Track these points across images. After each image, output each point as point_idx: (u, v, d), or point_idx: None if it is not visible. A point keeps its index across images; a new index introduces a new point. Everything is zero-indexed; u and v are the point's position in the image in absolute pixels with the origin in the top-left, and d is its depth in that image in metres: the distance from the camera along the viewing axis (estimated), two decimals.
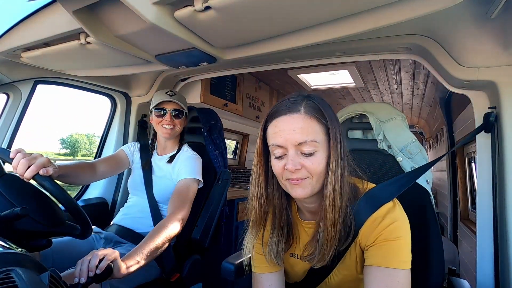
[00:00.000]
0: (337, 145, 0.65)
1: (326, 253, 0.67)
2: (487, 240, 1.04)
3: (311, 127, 0.64)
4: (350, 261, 0.71)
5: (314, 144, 0.64)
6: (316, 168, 0.64)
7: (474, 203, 2.39)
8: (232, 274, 0.96)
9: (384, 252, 0.64)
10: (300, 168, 0.64)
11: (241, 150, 3.50)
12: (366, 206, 0.67)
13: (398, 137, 1.00)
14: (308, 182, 0.65)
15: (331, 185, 0.64)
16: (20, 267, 0.49)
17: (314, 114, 0.65)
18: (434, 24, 0.93)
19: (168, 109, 1.38)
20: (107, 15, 0.88)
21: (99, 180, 1.49)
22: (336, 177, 0.64)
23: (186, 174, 1.31)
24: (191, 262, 1.32)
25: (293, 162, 0.63)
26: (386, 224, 0.65)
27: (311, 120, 0.64)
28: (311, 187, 0.66)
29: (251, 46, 1.02)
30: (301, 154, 0.64)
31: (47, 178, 0.84)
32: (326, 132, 0.66)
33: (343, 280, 0.75)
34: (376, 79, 2.68)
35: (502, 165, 0.97)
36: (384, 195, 0.69)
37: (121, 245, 1.25)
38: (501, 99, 0.97)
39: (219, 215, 1.44)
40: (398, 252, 0.63)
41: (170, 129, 1.38)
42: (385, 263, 0.63)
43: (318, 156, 0.64)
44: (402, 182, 0.74)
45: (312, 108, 0.66)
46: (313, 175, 0.65)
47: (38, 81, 1.46)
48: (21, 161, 0.83)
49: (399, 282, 0.62)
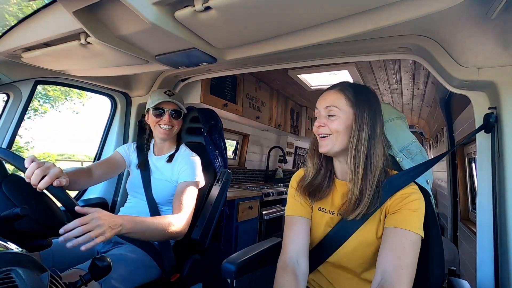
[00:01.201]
0: (362, 120, 0.84)
1: (355, 207, 0.83)
2: (487, 240, 1.04)
3: (338, 98, 0.87)
4: (373, 225, 0.86)
5: (335, 110, 0.85)
6: (335, 127, 0.85)
7: (474, 203, 2.39)
8: (232, 274, 0.96)
9: (403, 217, 0.81)
10: (324, 126, 0.87)
11: (241, 150, 3.50)
12: (389, 186, 0.85)
13: (398, 137, 1.00)
14: (329, 140, 0.86)
15: (351, 146, 0.83)
16: (20, 267, 0.49)
17: (344, 92, 0.87)
18: (434, 24, 0.93)
19: (166, 109, 1.36)
20: (107, 15, 0.88)
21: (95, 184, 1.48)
22: (359, 143, 0.83)
23: (186, 177, 1.30)
24: (191, 262, 1.32)
25: (319, 120, 0.88)
26: (410, 199, 0.83)
27: (340, 95, 0.87)
28: (332, 143, 0.86)
29: (251, 46, 1.02)
30: (327, 117, 0.87)
31: (60, 189, 0.84)
32: (352, 106, 0.85)
33: (360, 243, 0.87)
34: (376, 79, 2.68)
35: (502, 165, 0.97)
36: (399, 182, 0.87)
37: (121, 246, 1.25)
38: (501, 100, 0.97)
39: (219, 215, 1.44)
40: (415, 220, 0.80)
41: (168, 130, 1.37)
42: (402, 225, 0.79)
43: (339, 120, 0.85)
44: (415, 172, 0.89)
45: (345, 88, 0.88)
46: (332, 132, 0.86)
47: (38, 81, 1.46)
48: (35, 172, 0.84)
49: (411, 241, 0.77)
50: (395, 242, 0.79)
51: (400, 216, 0.81)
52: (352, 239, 0.88)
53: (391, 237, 0.80)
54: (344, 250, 0.90)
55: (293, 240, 0.92)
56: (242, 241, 2.29)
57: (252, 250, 1.07)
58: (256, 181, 3.75)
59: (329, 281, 0.95)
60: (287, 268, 0.87)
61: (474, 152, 2.22)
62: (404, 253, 0.76)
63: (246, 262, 1.00)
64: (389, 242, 0.80)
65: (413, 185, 0.87)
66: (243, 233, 2.33)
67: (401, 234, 0.78)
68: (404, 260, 0.76)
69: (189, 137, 1.71)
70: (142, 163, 1.42)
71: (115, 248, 1.23)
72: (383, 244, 0.81)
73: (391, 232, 0.81)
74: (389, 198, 0.84)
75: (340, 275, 0.93)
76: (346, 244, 0.89)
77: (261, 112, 3.02)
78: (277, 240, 1.19)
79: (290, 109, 3.73)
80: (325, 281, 0.96)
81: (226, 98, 2.45)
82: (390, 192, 0.85)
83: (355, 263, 0.89)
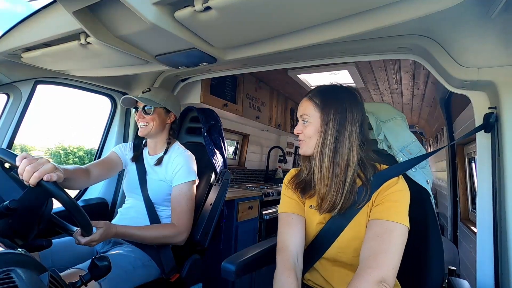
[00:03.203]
0: (328, 122, 0.88)
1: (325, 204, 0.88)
2: (487, 240, 1.04)
3: (307, 106, 0.93)
4: (362, 218, 0.88)
5: (306, 117, 0.93)
6: (307, 133, 0.92)
7: (474, 203, 2.39)
8: (232, 274, 0.96)
9: (383, 209, 0.83)
10: (301, 132, 0.94)
11: (241, 150, 3.50)
12: (378, 179, 0.88)
13: (398, 137, 1.00)
14: (304, 143, 0.94)
15: (316, 148, 0.89)
16: (20, 267, 0.49)
17: (312, 99, 0.93)
18: (434, 24, 0.93)
19: (140, 106, 1.36)
20: (107, 15, 0.88)
21: (93, 184, 1.49)
22: (324, 145, 0.87)
23: (181, 178, 1.30)
24: (191, 262, 1.32)
25: (298, 127, 0.95)
26: (392, 191, 0.85)
27: (309, 102, 0.93)
28: (306, 147, 0.93)
29: (251, 46, 1.02)
30: (303, 123, 0.94)
31: (51, 184, 0.85)
32: (319, 111, 0.90)
33: (353, 237, 0.89)
34: (376, 79, 2.68)
35: (502, 165, 0.97)
36: (390, 174, 0.90)
37: (120, 246, 1.26)
38: (501, 99, 0.97)
39: (219, 215, 1.44)
40: (394, 210, 0.82)
41: (143, 127, 1.36)
42: (381, 216, 0.82)
43: (310, 125, 0.92)
44: (404, 166, 0.93)
45: (314, 95, 0.93)
46: (305, 138, 0.93)
47: (38, 81, 1.46)
48: (26, 168, 0.84)
49: (389, 229, 0.79)
50: (373, 231, 0.81)
51: (381, 208, 0.84)
52: (345, 233, 0.90)
53: (371, 229, 0.82)
54: (338, 245, 0.91)
55: (292, 239, 0.93)
56: (242, 241, 2.28)
57: (252, 250, 1.07)
58: (256, 181, 3.75)
59: (324, 279, 0.95)
60: (291, 268, 0.87)
61: (474, 152, 2.22)
62: (382, 241, 0.77)
63: (246, 262, 1.00)
64: (368, 233, 0.82)
65: (399, 178, 0.88)
66: (243, 233, 2.32)
67: (380, 224, 0.81)
68: (381, 247, 0.76)
69: (189, 137, 1.71)
70: (135, 156, 1.43)
71: (115, 248, 1.23)
72: (365, 237, 0.83)
73: (371, 224, 0.83)
74: (376, 191, 0.87)
75: (336, 272, 0.93)
76: (340, 239, 0.90)
77: (261, 112, 3.02)
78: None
79: (290, 109, 3.73)
80: (321, 278, 0.96)
81: (226, 98, 2.44)
82: (377, 186, 0.87)
83: (351, 257, 0.90)
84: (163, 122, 1.40)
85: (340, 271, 0.93)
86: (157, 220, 1.30)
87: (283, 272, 0.86)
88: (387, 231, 0.79)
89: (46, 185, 0.84)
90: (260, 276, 2.33)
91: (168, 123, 1.43)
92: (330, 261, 0.94)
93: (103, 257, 0.71)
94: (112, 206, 1.83)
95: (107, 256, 0.71)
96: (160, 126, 1.39)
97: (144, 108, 1.36)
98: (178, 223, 1.25)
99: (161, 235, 1.20)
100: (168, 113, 1.41)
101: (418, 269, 0.77)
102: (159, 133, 1.41)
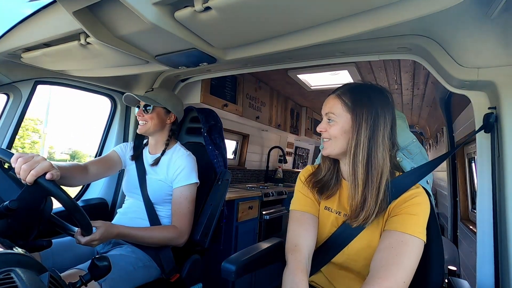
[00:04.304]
0: (360, 124, 0.83)
1: (359, 212, 0.83)
2: (487, 240, 1.04)
3: (335, 105, 0.88)
4: (376, 228, 0.85)
5: (332, 116, 0.88)
6: (333, 132, 0.87)
7: (474, 203, 2.39)
8: (232, 275, 0.96)
9: (400, 220, 0.80)
10: (325, 131, 0.90)
11: (241, 150, 3.50)
12: (394, 188, 0.84)
13: (399, 137, 0.99)
14: (329, 143, 0.89)
15: (350, 151, 0.84)
16: (20, 267, 0.49)
17: (341, 98, 0.88)
18: (434, 24, 0.93)
19: (141, 105, 1.38)
20: (107, 15, 0.88)
21: (91, 182, 1.49)
22: (357, 147, 0.83)
23: (183, 180, 1.30)
24: (191, 262, 1.32)
25: (321, 125, 0.91)
26: (411, 203, 0.81)
27: (337, 101, 0.88)
28: (331, 147, 0.89)
29: (251, 46, 1.02)
30: (328, 122, 0.89)
31: (48, 182, 0.85)
32: (348, 111, 0.86)
33: (365, 246, 0.86)
34: (376, 79, 2.68)
35: (502, 165, 0.97)
36: (406, 181, 0.86)
37: (120, 246, 1.25)
38: (501, 99, 0.97)
39: (219, 215, 1.44)
40: (412, 222, 0.78)
41: (142, 125, 1.37)
42: (397, 228, 0.78)
43: (336, 125, 0.87)
44: (419, 173, 0.89)
45: (343, 93, 0.89)
46: (331, 137, 0.88)
47: (38, 81, 1.46)
48: (22, 167, 0.84)
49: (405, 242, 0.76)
50: (387, 242, 0.78)
51: (398, 219, 0.80)
52: (357, 240, 0.87)
53: (385, 239, 0.79)
54: (348, 251, 0.89)
55: (305, 239, 0.89)
56: (242, 241, 2.29)
57: (252, 250, 1.07)
58: (256, 181, 3.75)
59: (328, 280, 0.94)
60: (304, 269, 0.83)
61: (474, 152, 2.22)
62: (396, 253, 0.75)
63: (246, 262, 1.00)
64: (382, 243, 0.79)
65: (418, 187, 0.85)
66: (243, 233, 2.32)
67: (396, 236, 0.77)
68: (394, 258, 0.74)
69: (189, 137, 1.71)
70: (135, 155, 1.43)
71: (115, 249, 1.23)
72: (378, 246, 0.80)
73: (386, 234, 0.80)
74: (393, 201, 0.83)
75: (342, 276, 0.92)
76: (351, 245, 0.88)
77: (261, 112, 3.02)
78: (277, 240, 1.19)
79: (290, 109, 3.73)
80: (325, 280, 0.95)
81: (226, 98, 2.44)
82: (395, 195, 0.83)
83: (360, 265, 0.88)
84: (162, 122, 1.40)
85: (346, 276, 0.91)
86: (156, 220, 1.30)
87: (296, 273, 0.81)
88: (402, 243, 0.76)
89: (43, 182, 0.84)
90: (260, 276, 2.33)
91: (168, 123, 1.43)
92: (337, 266, 0.92)
93: (103, 257, 0.71)
94: (112, 206, 1.83)
95: (107, 256, 0.71)
96: (159, 125, 1.39)
97: (145, 106, 1.37)
98: (179, 225, 1.25)
99: (162, 237, 1.20)
100: (168, 113, 1.42)
101: (418, 269, 0.77)
102: (158, 132, 1.41)
